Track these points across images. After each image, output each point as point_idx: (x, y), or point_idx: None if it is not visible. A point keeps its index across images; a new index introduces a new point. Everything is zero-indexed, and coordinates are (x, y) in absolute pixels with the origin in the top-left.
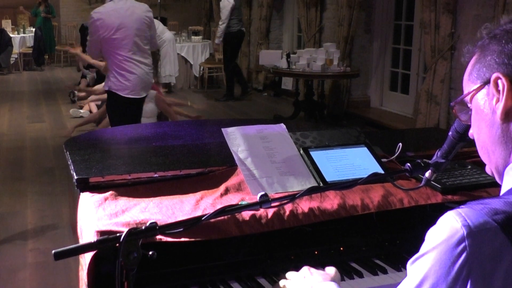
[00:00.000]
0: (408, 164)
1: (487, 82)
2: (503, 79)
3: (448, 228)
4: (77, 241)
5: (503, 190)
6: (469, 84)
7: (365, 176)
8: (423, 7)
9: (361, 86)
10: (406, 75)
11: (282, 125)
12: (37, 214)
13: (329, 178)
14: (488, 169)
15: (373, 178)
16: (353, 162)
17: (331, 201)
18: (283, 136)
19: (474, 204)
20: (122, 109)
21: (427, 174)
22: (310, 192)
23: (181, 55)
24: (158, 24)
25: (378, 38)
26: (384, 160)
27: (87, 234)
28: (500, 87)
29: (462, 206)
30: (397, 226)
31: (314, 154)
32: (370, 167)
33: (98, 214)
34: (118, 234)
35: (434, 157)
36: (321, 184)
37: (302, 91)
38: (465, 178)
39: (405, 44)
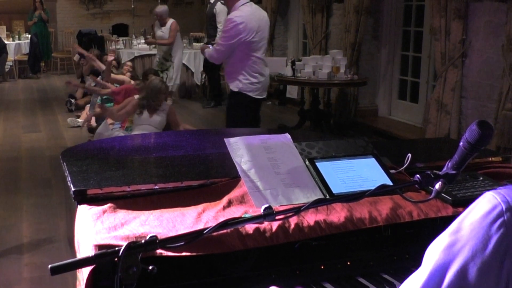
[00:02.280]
0: (418, 175)
1: None
2: None
3: (486, 203)
4: (75, 255)
5: None
6: None
7: (373, 188)
8: (433, 13)
9: (369, 94)
10: (415, 83)
11: (287, 135)
12: (33, 227)
13: (335, 190)
14: None
15: (382, 190)
16: (360, 173)
17: (337, 214)
18: (288, 147)
19: None
20: (247, 110)
21: (437, 186)
22: (316, 204)
23: (182, 63)
24: None
25: (386, 44)
26: (392, 171)
27: (84, 248)
28: None
29: (500, 187)
30: (406, 240)
31: (320, 165)
32: (378, 179)
33: (96, 228)
34: (117, 248)
35: (445, 168)
36: (328, 196)
37: (308, 99)
38: (476, 190)
39: (414, 51)
